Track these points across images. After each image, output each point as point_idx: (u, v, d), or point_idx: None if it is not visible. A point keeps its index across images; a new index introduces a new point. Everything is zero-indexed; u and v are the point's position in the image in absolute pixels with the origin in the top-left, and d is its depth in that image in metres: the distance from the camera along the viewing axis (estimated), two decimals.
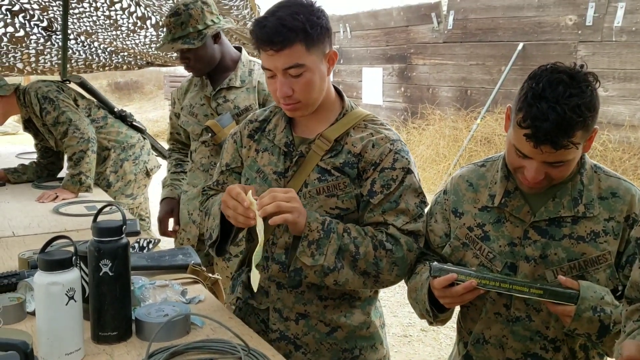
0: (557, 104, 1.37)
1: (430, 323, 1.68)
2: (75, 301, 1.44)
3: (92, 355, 1.50)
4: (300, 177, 1.69)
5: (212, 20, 2.64)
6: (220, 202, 1.70)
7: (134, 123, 3.78)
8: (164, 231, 2.95)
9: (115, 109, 3.78)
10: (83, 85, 3.82)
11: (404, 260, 1.64)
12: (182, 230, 2.89)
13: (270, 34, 1.54)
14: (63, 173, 3.78)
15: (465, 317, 1.72)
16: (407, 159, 1.68)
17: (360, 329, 1.77)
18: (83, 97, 3.59)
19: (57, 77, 4.44)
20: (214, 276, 2.10)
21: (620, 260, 1.53)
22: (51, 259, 1.42)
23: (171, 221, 2.96)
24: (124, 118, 3.75)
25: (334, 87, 1.75)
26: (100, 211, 1.66)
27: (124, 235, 1.56)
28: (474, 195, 1.68)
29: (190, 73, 2.78)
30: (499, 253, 1.59)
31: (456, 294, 1.50)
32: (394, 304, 4.73)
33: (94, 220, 1.62)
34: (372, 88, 11.35)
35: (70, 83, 3.80)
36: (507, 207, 1.60)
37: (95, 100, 3.77)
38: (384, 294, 4.87)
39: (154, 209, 3.32)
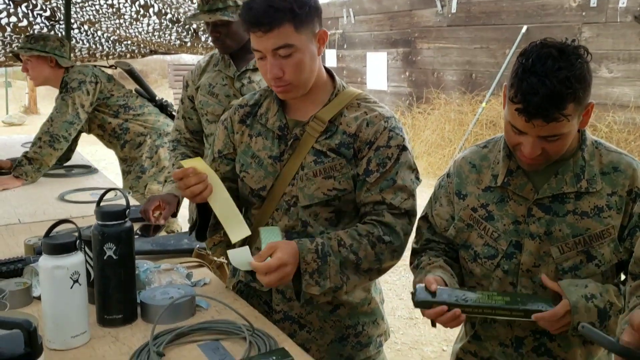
0: (546, 78, 1.38)
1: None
2: (80, 285, 1.45)
3: (98, 338, 1.51)
4: (296, 160, 1.69)
5: None
6: None
7: (174, 113, 3.79)
8: (145, 209, 2.54)
9: (157, 98, 3.81)
10: (130, 73, 3.85)
11: (402, 246, 1.66)
12: None
13: (258, 15, 1.55)
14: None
15: None
16: (401, 136, 1.68)
17: (362, 305, 1.79)
18: (123, 87, 3.61)
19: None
20: (219, 259, 2.11)
21: (622, 234, 1.53)
22: (55, 243, 1.42)
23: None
24: (163, 108, 3.79)
25: (325, 68, 1.74)
26: (103, 196, 1.66)
27: (127, 218, 1.57)
28: (477, 176, 1.68)
29: (202, 55, 2.69)
30: (504, 232, 1.59)
31: (444, 322, 1.55)
32: (399, 287, 4.74)
33: (97, 204, 1.63)
34: (377, 73, 11.29)
35: (116, 69, 3.85)
36: (510, 185, 1.60)
37: (135, 88, 3.80)
38: (389, 277, 4.88)
39: (185, 200, 3.17)
